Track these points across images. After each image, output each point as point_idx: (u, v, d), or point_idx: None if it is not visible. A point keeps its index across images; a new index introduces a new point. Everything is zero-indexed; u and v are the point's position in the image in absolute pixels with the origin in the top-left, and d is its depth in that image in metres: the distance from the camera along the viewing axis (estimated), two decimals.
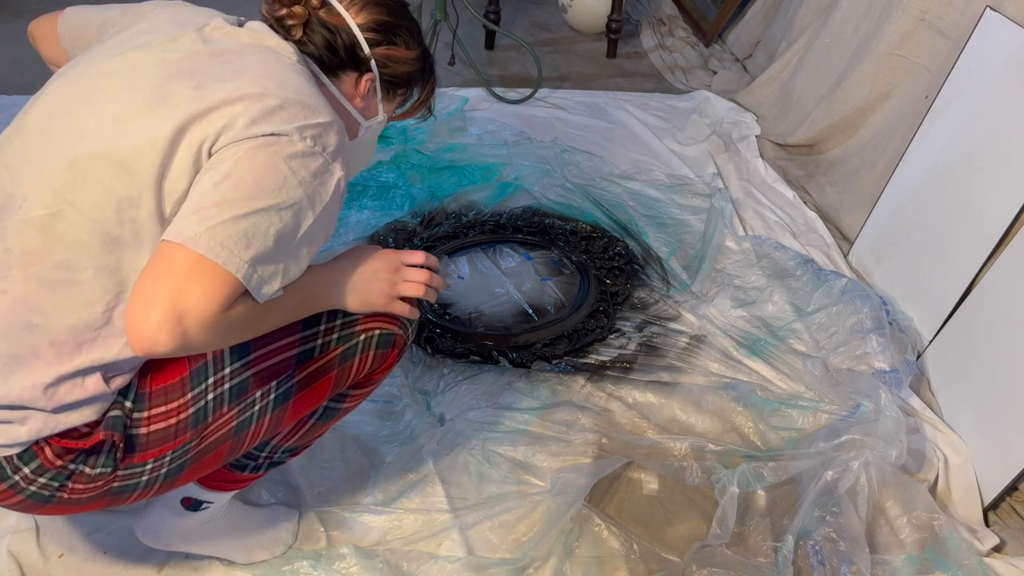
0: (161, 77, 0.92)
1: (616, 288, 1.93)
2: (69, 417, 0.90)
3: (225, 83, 0.91)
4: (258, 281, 0.85)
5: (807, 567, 1.31)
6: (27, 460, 0.91)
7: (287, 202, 0.87)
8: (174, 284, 0.80)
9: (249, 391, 1.00)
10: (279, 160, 0.88)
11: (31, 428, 0.89)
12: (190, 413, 0.97)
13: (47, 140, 0.92)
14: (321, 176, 0.91)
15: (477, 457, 1.48)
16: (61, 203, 0.88)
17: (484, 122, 2.59)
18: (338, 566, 1.27)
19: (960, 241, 1.72)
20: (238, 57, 0.96)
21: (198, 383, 0.97)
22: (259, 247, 0.85)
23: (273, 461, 1.18)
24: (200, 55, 0.95)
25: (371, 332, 1.09)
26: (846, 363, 1.70)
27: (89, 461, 0.93)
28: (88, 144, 0.89)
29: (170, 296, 0.79)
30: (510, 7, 3.59)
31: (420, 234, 2.08)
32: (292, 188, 0.88)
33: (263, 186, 0.86)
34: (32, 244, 0.88)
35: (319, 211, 0.91)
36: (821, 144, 2.41)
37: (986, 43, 1.76)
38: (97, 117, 0.91)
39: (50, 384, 0.88)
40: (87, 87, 0.94)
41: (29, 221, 0.88)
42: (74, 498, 0.95)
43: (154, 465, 0.97)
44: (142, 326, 0.79)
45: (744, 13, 3.18)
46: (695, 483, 1.46)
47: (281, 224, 0.87)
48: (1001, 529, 1.45)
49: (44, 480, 0.92)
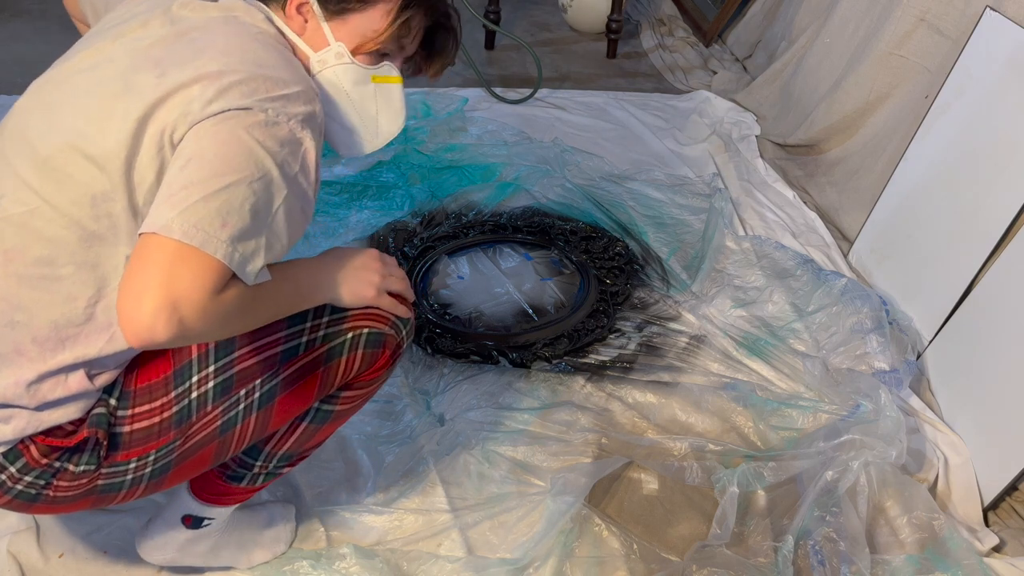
0: (128, 68, 0.91)
1: (616, 288, 1.93)
2: (53, 415, 0.90)
3: (186, 65, 0.89)
4: (240, 259, 0.83)
5: (807, 567, 1.31)
6: (12, 459, 0.91)
7: (256, 174, 0.85)
8: (161, 273, 0.79)
9: (233, 389, 0.99)
10: (241, 132, 0.86)
11: (15, 427, 0.89)
12: (174, 412, 0.96)
13: (23, 139, 0.92)
14: (289, 145, 0.89)
15: (477, 457, 1.48)
16: (38, 200, 0.88)
17: (484, 122, 2.59)
18: (338, 566, 1.27)
19: (960, 241, 1.72)
20: (203, 33, 0.94)
21: (182, 381, 0.97)
22: (236, 224, 0.83)
23: (269, 472, 1.15)
24: (166, 39, 0.93)
25: (359, 330, 1.06)
26: (846, 363, 1.70)
27: (73, 459, 0.93)
28: (59, 141, 0.89)
29: (159, 285, 0.78)
30: (510, 7, 3.59)
31: (420, 234, 2.08)
32: (260, 159, 0.86)
33: (229, 161, 0.84)
34: (11, 242, 0.88)
35: (292, 181, 0.89)
36: (821, 144, 2.41)
37: (986, 43, 1.76)
38: (68, 114, 0.91)
39: (33, 381, 0.88)
40: (61, 84, 0.94)
41: (7, 219, 0.89)
42: (60, 496, 0.95)
43: (138, 464, 0.96)
44: (136, 317, 0.78)
45: (744, 13, 3.18)
46: (695, 483, 1.46)
47: (255, 198, 0.85)
48: (1001, 529, 1.45)
49: (30, 479, 0.92)
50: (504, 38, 3.28)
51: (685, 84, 3.05)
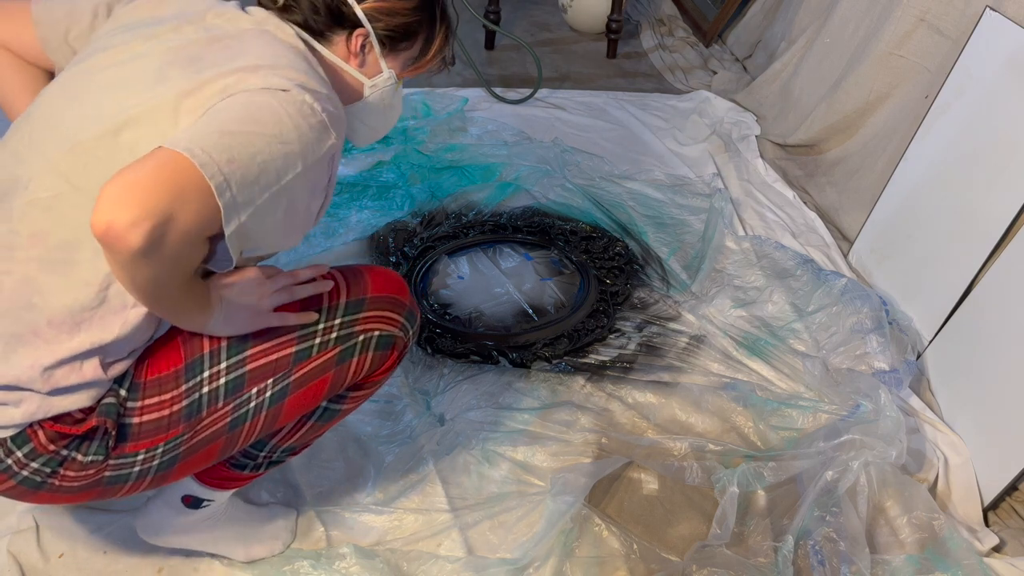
0: (162, 63, 0.93)
1: (616, 288, 1.93)
2: (64, 401, 0.90)
3: (222, 66, 0.92)
4: (230, 200, 0.82)
5: (807, 567, 1.31)
6: (20, 444, 0.91)
7: (279, 137, 0.85)
8: (158, 174, 0.78)
9: (244, 387, 1.00)
10: (276, 104, 0.87)
11: (26, 410, 0.89)
12: (183, 405, 0.97)
13: (53, 126, 0.93)
14: (317, 132, 0.90)
15: (477, 457, 1.48)
16: (64, 185, 0.89)
17: (484, 122, 2.59)
18: (338, 566, 1.27)
19: (960, 241, 1.72)
20: (237, 42, 0.96)
21: (193, 376, 0.97)
22: (241, 167, 0.82)
23: (273, 460, 1.17)
24: (200, 42, 0.95)
25: (371, 333, 1.08)
26: (846, 363, 1.70)
27: (82, 448, 0.93)
28: (91, 127, 0.90)
29: (152, 190, 0.78)
30: (510, 7, 3.58)
31: (420, 234, 2.08)
32: (287, 129, 0.86)
33: (257, 117, 0.85)
34: (38, 225, 0.89)
35: (309, 165, 0.89)
36: (821, 144, 2.41)
37: (986, 43, 1.76)
38: (99, 102, 0.92)
39: (49, 366, 0.88)
40: (92, 76, 0.95)
41: (34, 202, 0.90)
42: (65, 485, 0.95)
43: (145, 456, 0.97)
44: (120, 209, 0.77)
45: (744, 13, 3.18)
46: (695, 483, 1.46)
47: (268, 155, 0.85)
48: (1001, 529, 1.45)
49: (36, 465, 0.92)
50: (504, 38, 3.28)
51: (685, 84, 3.05)
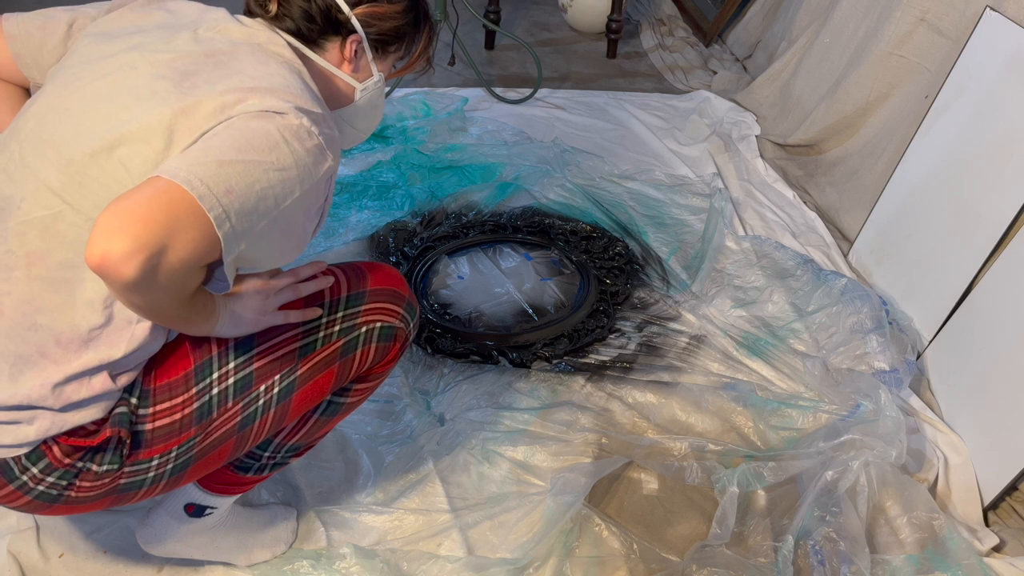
0: (152, 76, 0.91)
1: (616, 288, 1.93)
2: (77, 415, 0.90)
3: (216, 84, 0.90)
4: (229, 231, 0.81)
5: (807, 567, 1.31)
6: (35, 460, 0.91)
7: (276, 164, 0.85)
8: (154, 204, 0.76)
9: (253, 385, 1.01)
10: (273, 129, 0.86)
11: (39, 427, 0.89)
12: (194, 408, 0.97)
13: (43, 143, 0.91)
14: (314, 156, 0.89)
15: (477, 457, 1.48)
16: (60, 204, 0.88)
17: (484, 122, 2.59)
18: (338, 566, 1.27)
19: (960, 241, 1.72)
20: (230, 58, 0.95)
21: (202, 378, 0.98)
22: (239, 197, 0.81)
23: (276, 462, 1.18)
24: (193, 55, 0.94)
25: (372, 325, 1.10)
26: (846, 363, 1.70)
27: (96, 459, 0.93)
28: (83, 144, 0.89)
29: (146, 220, 0.75)
30: (510, 7, 3.59)
31: (420, 234, 2.08)
32: (284, 155, 0.86)
33: (254, 144, 0.84)
34: (34, 245, 0.88)
35: (306, 189, 0.89)
36: (821, 144, 2.41)
37: (986, 43, 1.76)
38: (91, 118, 0.90)
39: (59, 383, 0.88)
40: (81, 89, 0.93)
41: (29, 222, 0.88)
42: (81, 496, 0.95)
43: (160, 461, 0.97)
44: (114, 241, 0.75)
45: (744, 13, 3.18)
46: (695, 483, 1.46)
47: (267, 184, 0.84)
48: (1001, 529, 1.45)
49: (52, 479, 0.92)
50: (504, 38, 3.28)
51: (685, 84, 3.05)
